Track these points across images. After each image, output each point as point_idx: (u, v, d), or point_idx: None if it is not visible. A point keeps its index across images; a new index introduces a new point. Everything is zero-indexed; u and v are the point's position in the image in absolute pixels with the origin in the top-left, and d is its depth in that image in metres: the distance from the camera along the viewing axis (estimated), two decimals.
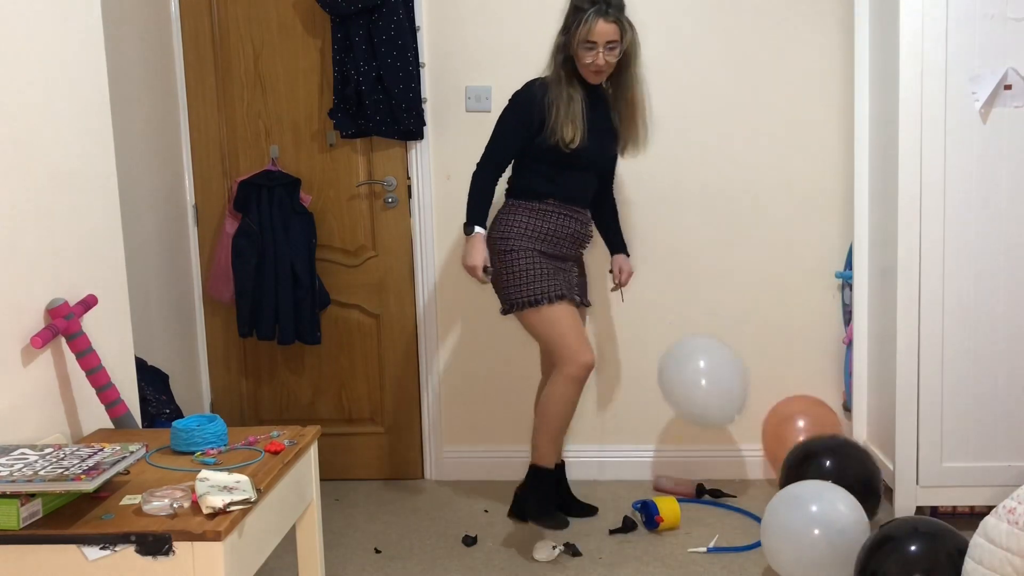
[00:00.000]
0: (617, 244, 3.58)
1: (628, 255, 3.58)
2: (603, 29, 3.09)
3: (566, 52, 3.18)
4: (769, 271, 3.81)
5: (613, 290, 3.61)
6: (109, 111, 2.48)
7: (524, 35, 3.73)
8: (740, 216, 3.80)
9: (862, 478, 3.16)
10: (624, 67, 3.24)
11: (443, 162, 3.82)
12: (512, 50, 3.74)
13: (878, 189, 3.47)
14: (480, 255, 3.18)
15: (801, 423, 3.63)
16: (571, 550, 3.20)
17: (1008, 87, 3.09)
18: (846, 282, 3.73)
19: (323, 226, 3.86)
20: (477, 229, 3.21)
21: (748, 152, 3.76)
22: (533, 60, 3.71)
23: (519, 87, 3.27)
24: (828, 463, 3.17)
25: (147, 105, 3.58)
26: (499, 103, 3.71)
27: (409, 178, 3.84)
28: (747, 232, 3.80)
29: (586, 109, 3.20)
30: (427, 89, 3.77)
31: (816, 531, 2.78)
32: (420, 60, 3.72)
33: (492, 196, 3.26)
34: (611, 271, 3.57)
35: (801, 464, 3.22)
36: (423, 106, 3.73)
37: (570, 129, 3.15)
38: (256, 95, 3.84)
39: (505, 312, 3.28)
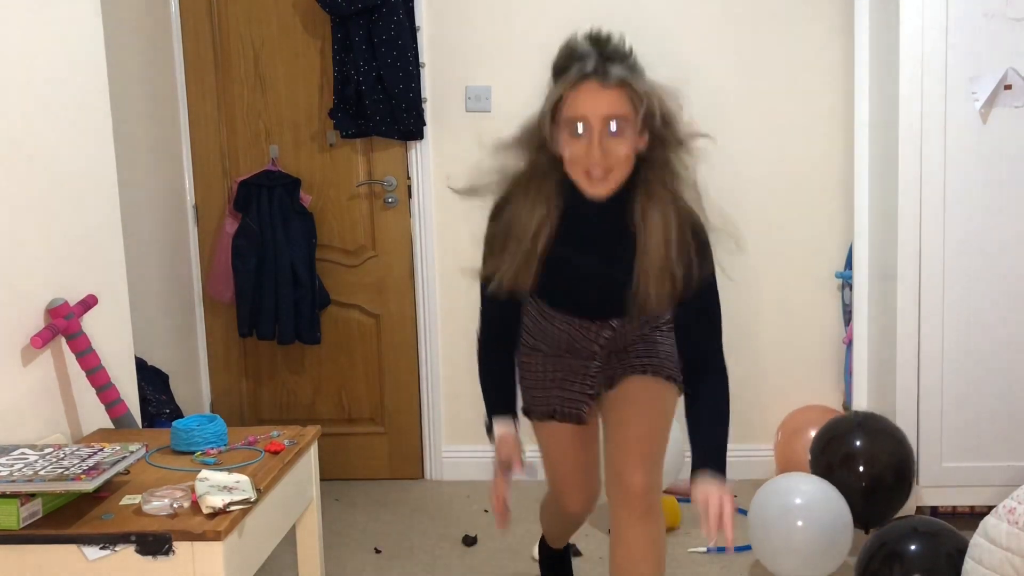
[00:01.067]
0: (700, 455, 2.04)
1: (719, 470, 2.01)
2: (596, 99, 1.86)
3: (541, 139, 1.94)
4: (769, 271, 3.81)
5: (710, 549, 2.26)
6: (109, 111, 2.48)
7: (524, 35, 3.73)
8: (740, 216, 3.74)
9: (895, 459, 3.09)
10: (652, 155, 1.96)
11: (443, 162, 3.82)
12: (512, 50, 3.74)
13: (878, 189, 3.47)
14: (506, 459, 2.14)
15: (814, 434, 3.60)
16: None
17: (1008, 87, 3.09)
18: (846, 282, 3.73)
19: (323, 226, 3.86)
20: (497, 427, 2.19)
21: (748, 152, 3.76)
22: (533, 60, 3.67)
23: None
24: (858, 443, 3.10)
25: (147, 105, 3.58)
26: (499, 103, 3.73)
27: (409, 178, 3.84)
28: (747, 232, 3.77)
29: (573, 229, 2.00)
30: (427, 89, 3.77)
31: (800, 522, 2.82)
32: (420, 60, 3.72)
33: (509, 370, 2.26)
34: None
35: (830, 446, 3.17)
36: (423, 106, 3.72)
37: (510, 268, 1.98)
38: (256, 95, 3.84)
39: None
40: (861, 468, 3.07)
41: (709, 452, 2.02)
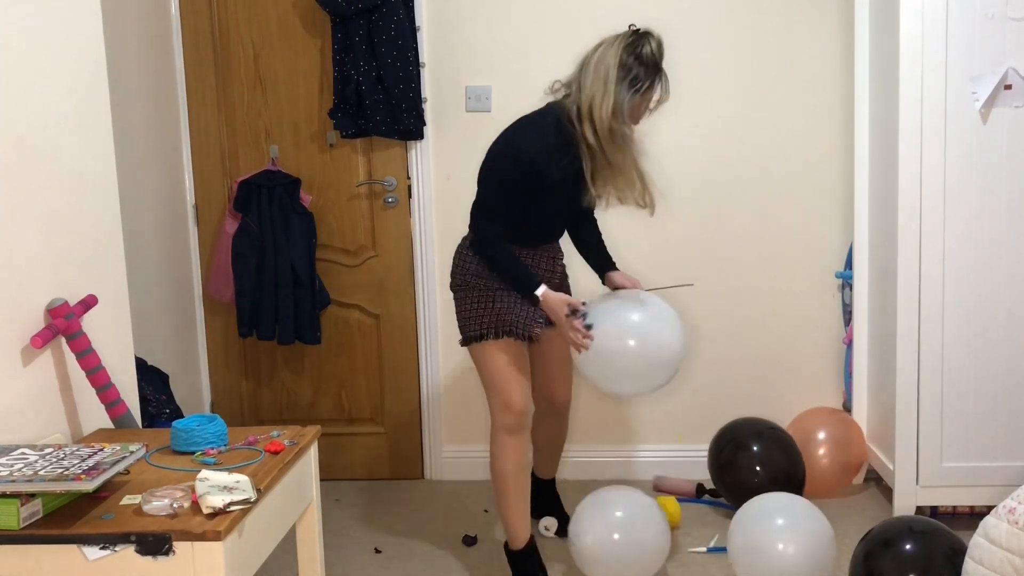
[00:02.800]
0: (608, 262, 3.10)
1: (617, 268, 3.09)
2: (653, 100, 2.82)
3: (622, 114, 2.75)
4: (769, 271, 3.81)
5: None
6: (109, 111, 2.48)
7: (524, 35, 3.73)
8: (740, 216, 3.80)
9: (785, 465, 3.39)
10: None
11: (443, 162, 3.82)
12: (512, 50, 3.74)
13: (878, 189, 3.47)
14: (561, 310, 2.78)
15: (822, 435, 3.60)
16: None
17: (1008, 87, 3.10)
18: (846, 282, 3.73)
19: (323, 226, 3.86)
20: (541, 291, 2.80)
21: (748, 152, 3.76)
22: (533, 60, 3.71)
23: (523, 135, 2.84)
24: (756, 448, 3.39)
25: (147, 105, 3.58)
26: (499, 103, 3.73)
27: (409, 178, 3.84)
28: (747, 232, 3.80)
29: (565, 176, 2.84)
30: (427, 89, 3.77)
31: (780, 545, 2.78)
32: (420, 60, 3.72)
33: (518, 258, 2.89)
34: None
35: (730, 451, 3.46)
36: (423, 106, 3.73)
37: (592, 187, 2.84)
38: (256, 95, 3.84)
39: (461, 343, 2.97)
40: (757, 468, 3.36)
41: (609, 260, 3.09)
